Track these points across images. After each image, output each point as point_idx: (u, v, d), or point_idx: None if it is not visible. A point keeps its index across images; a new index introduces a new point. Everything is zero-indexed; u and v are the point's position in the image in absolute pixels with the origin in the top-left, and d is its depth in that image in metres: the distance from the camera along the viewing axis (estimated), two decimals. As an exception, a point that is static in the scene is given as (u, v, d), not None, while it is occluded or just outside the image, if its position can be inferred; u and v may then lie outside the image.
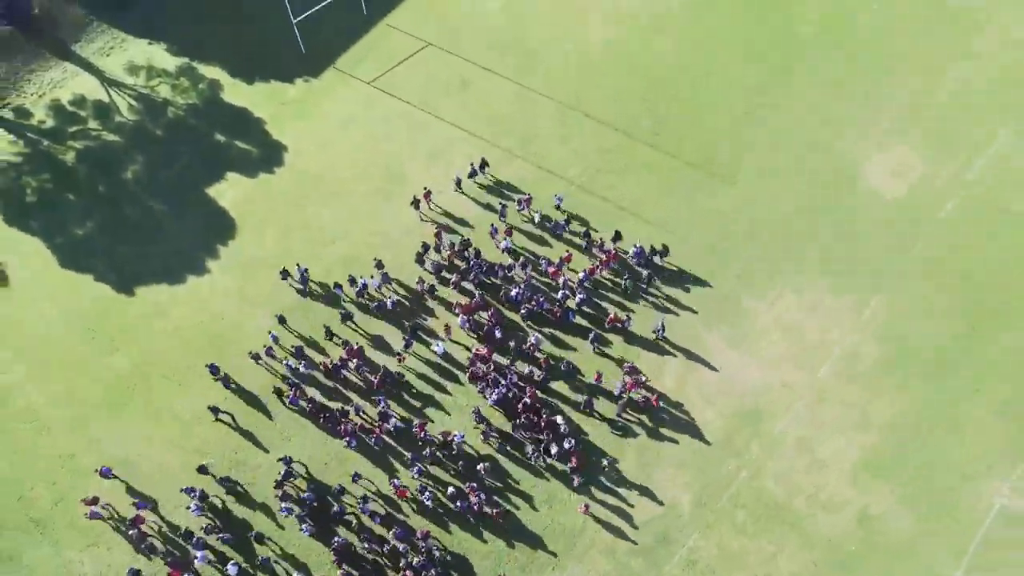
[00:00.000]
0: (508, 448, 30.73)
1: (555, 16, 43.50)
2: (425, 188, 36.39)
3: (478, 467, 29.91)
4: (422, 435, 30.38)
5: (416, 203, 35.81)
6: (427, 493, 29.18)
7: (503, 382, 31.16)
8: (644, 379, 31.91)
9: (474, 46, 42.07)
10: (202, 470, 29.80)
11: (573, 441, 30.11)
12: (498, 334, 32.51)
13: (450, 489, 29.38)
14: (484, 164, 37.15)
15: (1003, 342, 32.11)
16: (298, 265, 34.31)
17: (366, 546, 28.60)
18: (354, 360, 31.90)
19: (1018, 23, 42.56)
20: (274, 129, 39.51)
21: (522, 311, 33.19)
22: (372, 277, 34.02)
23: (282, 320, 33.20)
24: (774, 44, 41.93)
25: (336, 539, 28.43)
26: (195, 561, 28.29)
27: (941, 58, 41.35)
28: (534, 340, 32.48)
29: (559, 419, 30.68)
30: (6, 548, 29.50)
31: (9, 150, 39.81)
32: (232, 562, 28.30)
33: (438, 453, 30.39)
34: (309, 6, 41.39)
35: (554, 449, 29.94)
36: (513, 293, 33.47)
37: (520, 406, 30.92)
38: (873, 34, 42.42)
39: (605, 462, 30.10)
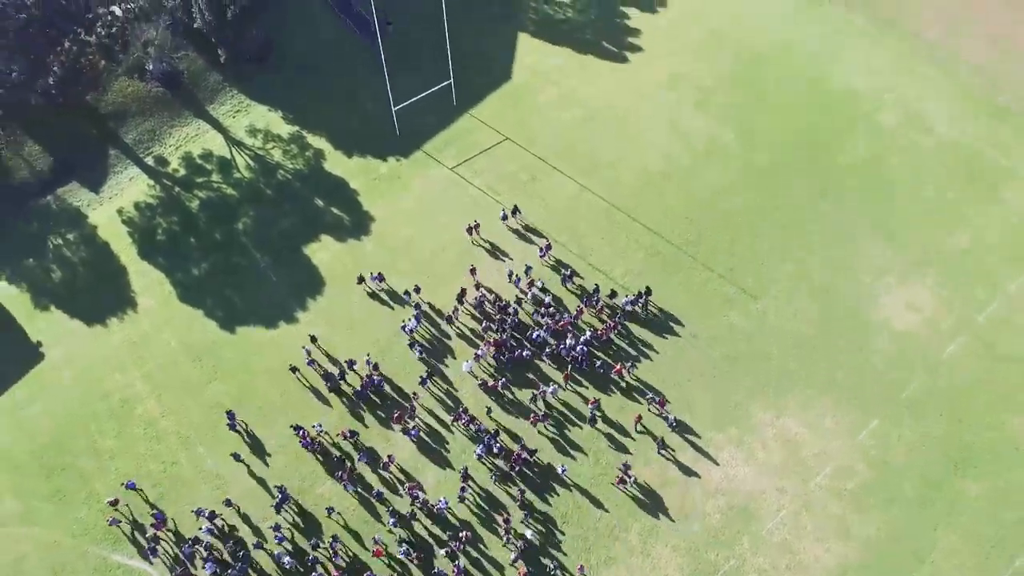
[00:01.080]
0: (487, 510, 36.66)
1: (622, 133, 50.15)
2: (476, 220, 44.92)
3: (459, 535, 35.69)
4: (410, 493, 36.59)
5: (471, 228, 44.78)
6: (403, 547, 35.25)
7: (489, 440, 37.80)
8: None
9: (547, 147, 49.08)
10: (226, 502, 36.80)
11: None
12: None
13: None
14: (516, 210, 45.25)
15: (982, 484, 36.60)
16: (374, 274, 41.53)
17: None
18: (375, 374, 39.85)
19: (1045, 177, 47.13)
20: (365, 200, 47.17)
21: (544, 352, 40.58)
22: (411, 319, 41.69)
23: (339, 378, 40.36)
24: (812, 176, 47.41)
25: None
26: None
27: (966, 204, 46.15)
28: (551, 390, 39.12)
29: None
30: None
31: (148, 193, 48.56)
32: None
33: (418, 514, 36.53)
34: (409, 95, 49.05)
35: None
36: (535, 335, 40.69)
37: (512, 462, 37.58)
38: (906, 174, 47.54)
39: (610, 526, 35.67)
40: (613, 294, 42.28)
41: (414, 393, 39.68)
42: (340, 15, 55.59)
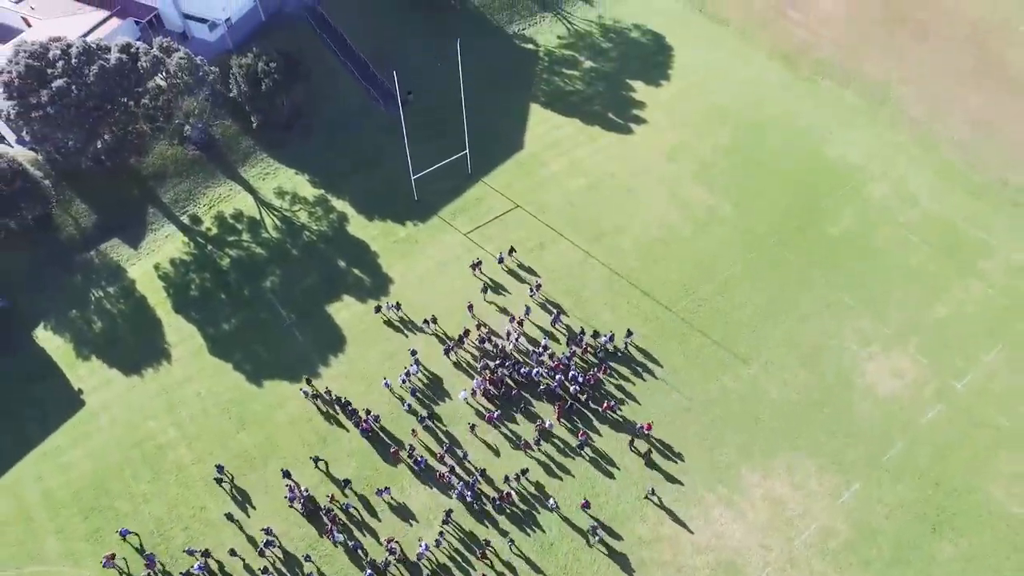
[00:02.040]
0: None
1: (626, 202, 54.70)
2: (477, 258, 50.42)
3: None
4: (388, 547, 39.83)
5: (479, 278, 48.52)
6: None
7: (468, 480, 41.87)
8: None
9: (555, 215, 53.58)
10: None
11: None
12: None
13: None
14: (512, 250, 50.59)
15: (958, 546, 39.73)
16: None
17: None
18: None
19: (1022, 251, 50.90)
20: (385, 262, 51.50)
21: (540, 388, 45.00)
22: (412, 365, 46.01)
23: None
24: (804, 246, 51.53)
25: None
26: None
27: (947, 275, 50.08)
28: (548, 425, 43.57)
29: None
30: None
31: (182, 250, 53.07)
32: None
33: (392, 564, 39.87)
34: (427, 162, 53.69)
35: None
36: (533, 372, 45.14)
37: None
38: (891, 245, 51.70)
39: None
40: (596, 334, 47.07)
41: (413, 431, 44.07)
42: (365, 86, 60.90)
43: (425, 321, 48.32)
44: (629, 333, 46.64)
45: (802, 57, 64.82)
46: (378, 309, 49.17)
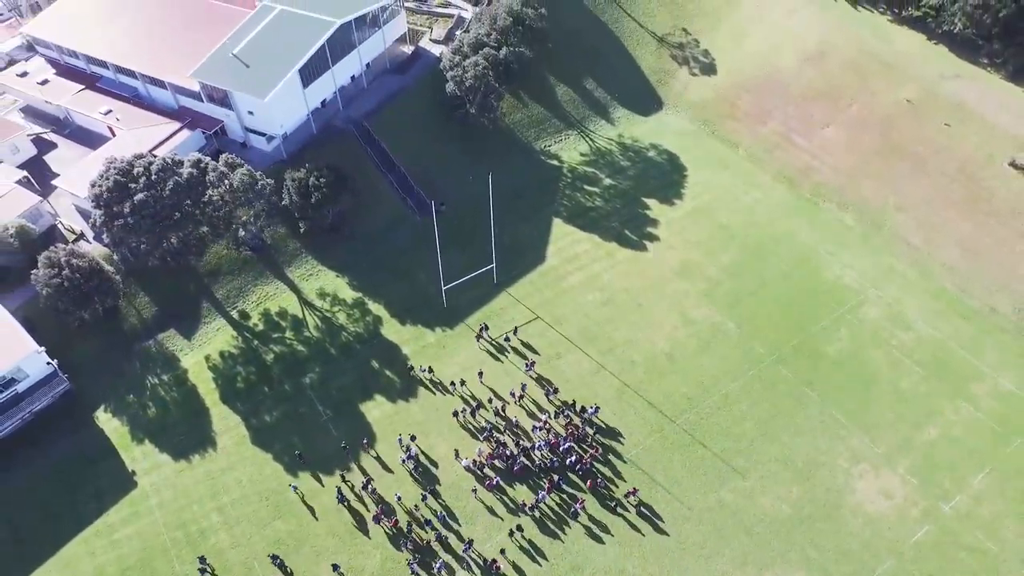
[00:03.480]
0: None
1: (637, 316, 60.59)
2: (484, 324, 58.75)
3: None
4: None
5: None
6: None
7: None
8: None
9: (571, 326, 59.55)
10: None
11: None
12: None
13: None
14: (515, 330, 58.77)
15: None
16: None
17: None
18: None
19: (1009, 377, 55.43)
20: (415, 365, 57.16)
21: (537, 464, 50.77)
22: (411, 446, 51.88)
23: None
24: (801, 365, 56.57)
25: None
26: None
27: (937, 398, 54.60)
28: (540, 496, 48.97)
29: None
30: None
31: (231, 343, 59.59)
32: None
33: None
34: (457, 269, 60.33)
35: None
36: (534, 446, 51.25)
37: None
38: (884, 367, 56.61)
39: None
40: (583, 409, 53.90)
41: (415, 506, 49.77)
42: (403, 196, 68.44)
43: (452, 383, 55.59)
44: (596, 408, 54.20)
45: (805, 180, 71.47)
46: (411, 369, 56.56)
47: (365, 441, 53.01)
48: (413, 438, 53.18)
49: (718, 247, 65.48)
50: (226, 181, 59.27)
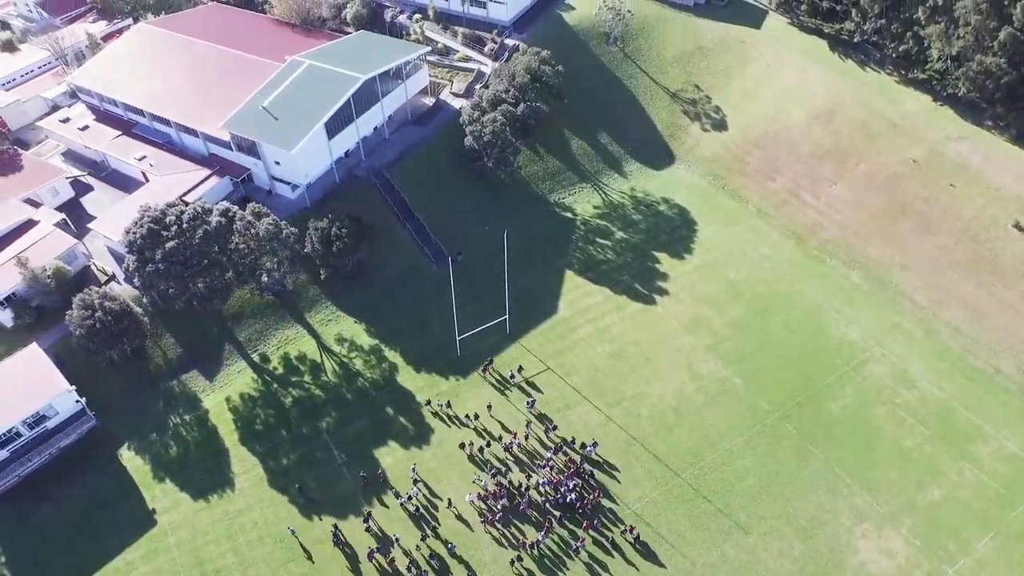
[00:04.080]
0: None
1: (645, 370, 62.46)
2: (490, 359, 61.69)
3: None
4: None
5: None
6: None
7: None
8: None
9: (581, 378, 61.54)
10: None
11: None
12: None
13: None
14: (520, 368, 61.86)
15: None
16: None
17: None
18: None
19: (1014, 439, 56.36)
20: (428, 413, 59.41)
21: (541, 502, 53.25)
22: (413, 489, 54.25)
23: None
24: (805, 422, 58.00)
25: None
26: None
27: (941, 458, 55.70)
28: (540, 536, 50.70)
29: None
30: None
31: (251, 385, 62.08)
32: None
33: None
34: (471, 319, 62.75)
35: None
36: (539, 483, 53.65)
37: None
38: (888, 425, 57.83)
39: None
40: (583, 446, 56.43)
41: (417, 545, 51.87)
42: (420, 245, 71.28)
43: (467, 416, 58.51)
44: (595, 443, 56.21)
45: (812, 237, 73.55)
46: (428, 403, 59.26)
47: (381, 476, 55.35)
48: (416, 482, 55.27)
49: (726, 302, 67.46)
50: (252, 230, 62.50)
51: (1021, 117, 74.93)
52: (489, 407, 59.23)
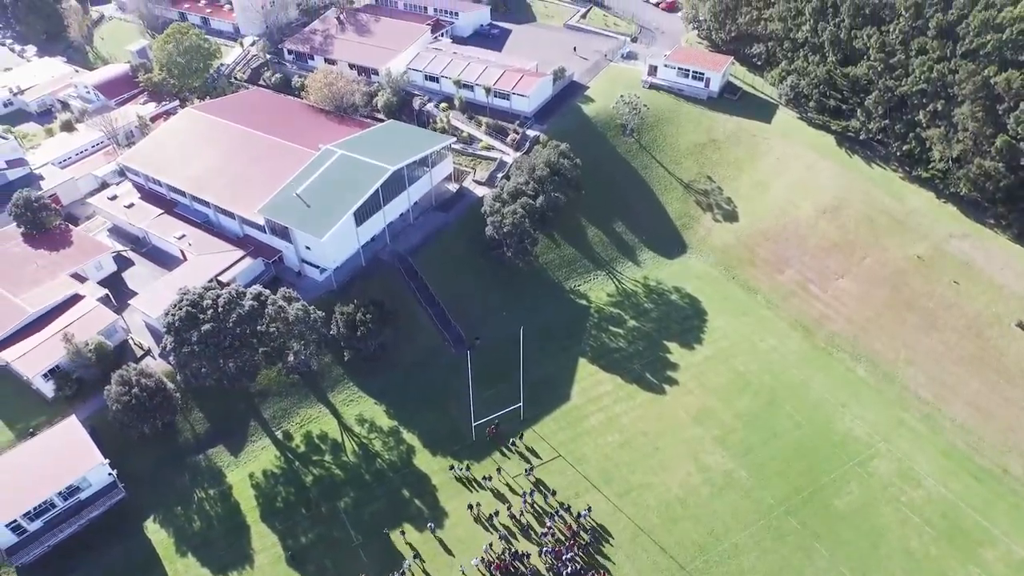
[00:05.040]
0: None
1: (653, 460, 64.69)
2: (496, 423, 65.12)
3: None
4: None
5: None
6: None
7: None
8: None
9: (590, 467, 63.80)
10: None
11: None
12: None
13: None
14: (521, 435, 64.06)
15: None
16: None
17: None
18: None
19: (1022, 544, 57.20)
20: (442, 496, 62.10)
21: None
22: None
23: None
24: (810, 518, 59.41)
25: None
26: None
27: (948, 561, 56.83)
28: None
29: None
30: None
31: (273, 463, 65.06)
32: None
33: None
34: (487, 404, 65.80)
35: None
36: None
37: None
38: (894, 524, 59.17)
39: None
40: (579, 515, 59.90)
41: None
42: (440, 329, 74.99)
43: (485, 477, 63.17)
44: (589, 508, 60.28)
45: (819, 330, 76.20)
46: (452, 468, 62.53)
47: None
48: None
49: (734, 394, 69.83)
50: (283, 314, 66.59)
51: (1022, 218, 78.07)
52: (496, 474, 62.90)
